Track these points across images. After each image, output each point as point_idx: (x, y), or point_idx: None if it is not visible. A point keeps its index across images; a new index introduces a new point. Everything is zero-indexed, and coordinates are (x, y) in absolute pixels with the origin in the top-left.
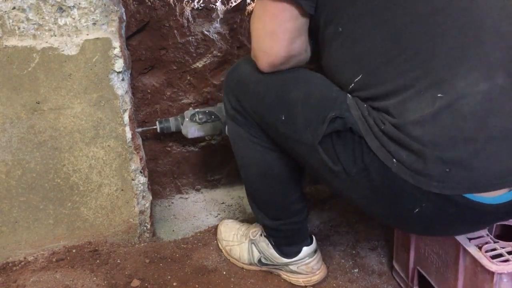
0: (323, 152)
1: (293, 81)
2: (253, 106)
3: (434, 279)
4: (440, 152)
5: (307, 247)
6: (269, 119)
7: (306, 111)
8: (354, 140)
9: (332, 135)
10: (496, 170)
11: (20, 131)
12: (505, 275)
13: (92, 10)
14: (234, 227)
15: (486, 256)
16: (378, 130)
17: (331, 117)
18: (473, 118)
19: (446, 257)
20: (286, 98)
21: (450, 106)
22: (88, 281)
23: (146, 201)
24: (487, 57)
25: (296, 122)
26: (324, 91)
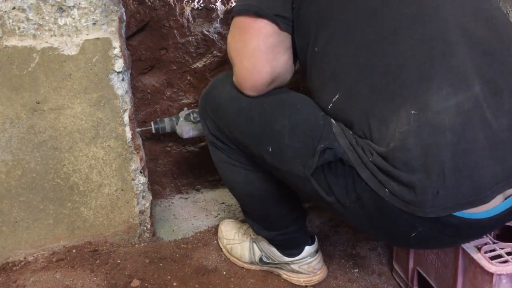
0: (316, 184)
1: (277, 108)
2: (236, 136)
3: (433, 279)
4: (427, 179)
5: (309, 247)
6: (255, 151)
7: (294, 142)
8: (345, 171)
9: (323, 166)
10: (483, 181)
11: (20, 131)
12: (504, 276)
13: (92, 10)
14: (235, 226)
15: (485, 257)
16: (368, 160)
17: (321, 149)
18: (452, 133)
19: (445, 258)
20: (272, 129)
21: (426, 123)
22: (88, 281)
23: (146, 201)
24: (460, 68)
25: (284, 154)
26: (310, 119)
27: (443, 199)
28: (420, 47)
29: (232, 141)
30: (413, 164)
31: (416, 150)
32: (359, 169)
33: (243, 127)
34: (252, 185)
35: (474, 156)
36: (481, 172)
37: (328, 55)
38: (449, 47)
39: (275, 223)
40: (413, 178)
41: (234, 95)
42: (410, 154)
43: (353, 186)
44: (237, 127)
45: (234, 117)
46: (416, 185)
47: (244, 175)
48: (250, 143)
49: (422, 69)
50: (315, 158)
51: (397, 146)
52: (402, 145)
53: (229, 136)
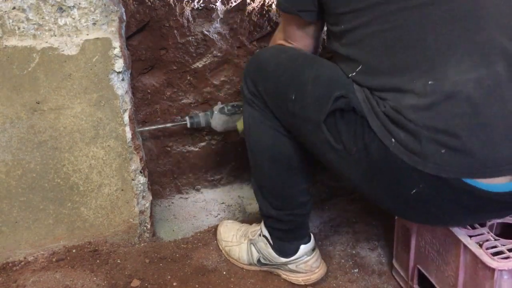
0: (326, 130)
1: (307, 64)
2: (268, 88)
3: (434, 277)
4: (435, 134)
5: (304, 245)
6: (281, 99)
7: (315, 90)
8: (357, 120)
9: (335, 114)
10: (491, 157)
11: (20, 131)
12: (505, 271)
13: (92, 10)
14: (233, 228)
15: (487, 253)
16: (380, 111)
17: (336, 96)
18: (468, 104)
19: (447, 254)
20: (299, 78)
21: (442, 92)
22: (88, 281)
23: (146, 201)
24: (486, 44)
25: (304, 100)
26: (334, 74)
27: (446, 161)
28: (448, 22)
29: (265, 98)
30: (424, 121)
31: (428, 112)
32: (370, 119)
33: (276, 78)
34: (277, 148)
35: (487, 131)
36: (492, 148)
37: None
38: (478, 24)
39: (286, 200)
40: (421, 130)
41: (274, 53)
42: (423, 114)
43: (362, 135)
44: (272, 79)
45: (272, 70)
46: (421, 135)
47: (273, 136)
48: (279, 91)
49: (443, 43)
50: (329, 104)
51: (410, 106)
52: (414, 107)
53: (263, 95)
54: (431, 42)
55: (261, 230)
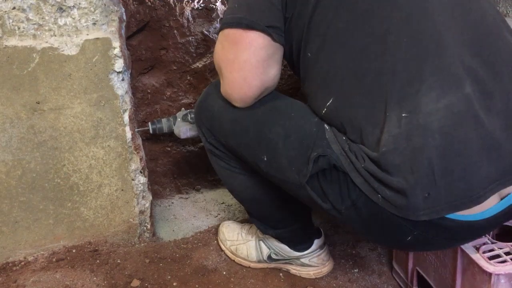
0: (311, 191)
1: (271, 116)
2: (231, 145)
3: (432, 279)
4: (418, 179)
5: (318, 239)
6: (250, 159)
7: (289, 150)
8: (339, 177)
9: (318, 174)
10: (475, 182)
11: (20, 131)
12: (502, 276)
13: (92, 10)
14: (236, 227)
15: (483, 257)
16: (360, 166)
17: (314, 156)
18: (442, 135)
19: (444, 258)
20: (266, 138)
21: (416, 125)
22: (88, 281)
23: (146, 201)
24: (450, 68)
25: (279, 163)
26: (304, 126)
27: (434, 201)
28: (410, 49)
29: (229, 149)
30: (404, 166)
31: (406, 153)
32: (352, 175)
33: (238, 137)
34: (252, 190)
35: (466, 157)
36: (474, 172)
37: (321, 61)
38: (439, 48)
39: (281, 222)
40: (403, 182)
41: (227, 105)
42: (401, 157)
43: (347, 193)
44: (232, 137)
45: (229, 127)
46: (406, 189)
47: (244, 181)
48: (245, 153)
49: (412, 71)
50: (309, 166)
51: (389, 150)
52: (393, 148)
53: (225, 145)
54: (401, 70)
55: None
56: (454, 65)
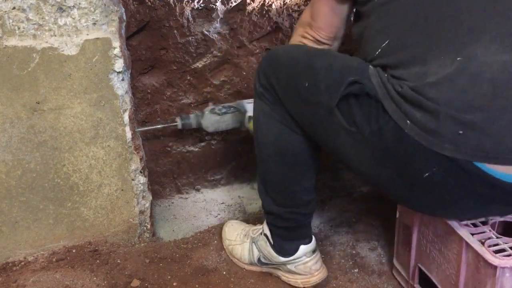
0: (339, 114)
1: (320, 53)
2: (281, 79)
3: (435, 275)
4: (455, 112)
5: (304, 246)
6: (293, 88)
7: (328, 77)
8: (371, 103)
9: (349, 97)
10: (509, 141)
11: (20, 131)
12: (508, 269)
13: (92, 10)
14: (239, 227)
15: (489, 250)
16: (395, 93)
17: (349, 81)
18: (490, 86)
19: (448, 252)
20: (312, 67)
21: (468, 70)
22: (88, 281)
23: (146, 201)
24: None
25: (317, 87)
26: (347, 61)
27: (463, 142)
28: (480, 4)
29: (278, 92)
30: (443, 98)
31: (450, 88)
32: (385, 102)
33: (289, 69)
34: (285, 143)
35: (506, 115)
36: (510, 132)
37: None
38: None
39: (289, 197)
40: (440, 107)
41: (288, 49)
42: (442, 91)
43: (376, 117)
44: (284, 70)
45: (285, 63)
46: (440, 112)
47: (281, 130)
48: (292, 82)
49: (477, 22)
50: (341, 88)
51: (432, 82)
52: (436, 82)
53: (275, 87)
54: (465, 19)
55: (263, 229)
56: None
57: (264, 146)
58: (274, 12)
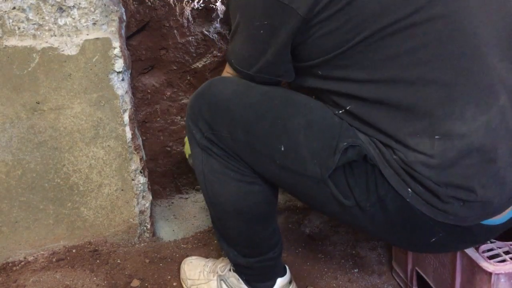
0: (333, 186)
1: (290, 105)
2: (237, 136)
3: (432, 279)
4: (453, 191)
5: (281, 278)
6: (263, 150)
7: (310, 140)
8: (367, 170)
9: (344, 166)
10: (505, 196)
11: (20, 131)
12: (502, 275)
13: (92, 10)
14: (199, 264)
15: (483, 256)
16: (391, 158)
17: (343, 147)
18: (478, 155)
19: (444, 258)
20: (285, 126)
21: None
22: (88, 281)
23: (146, 201)
24: (483, 83)
25: (298, 153)
26: (326, 117)
27: (466, 212)
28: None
29: (229, 145)
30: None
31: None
32: (381, 166)
33: (250, 124)
34: (243, 201)
35: (502, 171)
36: (505, 189)
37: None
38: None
39: (255, 248)
40: (439, 187)
41: (240, 90)
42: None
43: (375, 187)
44: (242, 125)
45: (240, 114)
46: (440, 192)
47: (237, 188)
48: (258, 142)
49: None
50: (335, 157)
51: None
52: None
53: (226, 139)
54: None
55: (231, 265)
56: (489, 77)
57: (218, 205)
58: None
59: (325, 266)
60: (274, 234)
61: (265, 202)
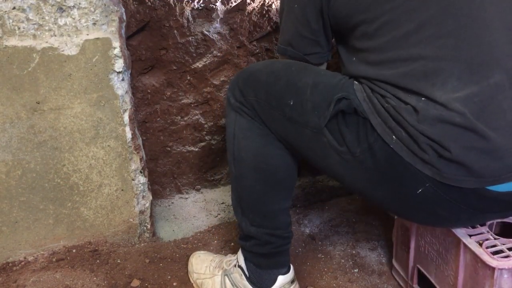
0: (329, 134)
1: (303, 70)
2: (261, 97)
3: (434, 276)
4: (431, 143)
5: (282, 276)
6: (277, 106)
7: (314, 96)
8: (359, 121)
9: (337, 116)
10: (488, 169)
11: (20, 131)
12: (505, 270)
13: (92, 10)
14: (207, 259)
15: (487, 252)
16: (381, 107)
17: (337, 97)
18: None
19: (446, 254)
20: (296, 85)
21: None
22: (88, 281)
23: (146, 201)
24: (474, 60)
25: (304, 106)
26: (332, 80)
27: (443, 168)
28: (441, 36)
29: (254, 106)
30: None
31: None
32: (371, 117)
33: (270, 86)
34: (265, 156)
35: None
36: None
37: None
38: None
39: (267, 217)
40: (419, 135)
41: (266, 64)
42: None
43: (365, 136)
44: (264, 87)
45: (265, 79)
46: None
47: (261, 143)
48: (274, 98)
49: (430, 66)
50: (330, 107)
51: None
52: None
53: (254, 104)
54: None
55: (237, 260)
56: (486, 55)
57: (241, 162)
58: (274, 12)
59: (325, 266)
60: (286, 214)
61: (284, 168)
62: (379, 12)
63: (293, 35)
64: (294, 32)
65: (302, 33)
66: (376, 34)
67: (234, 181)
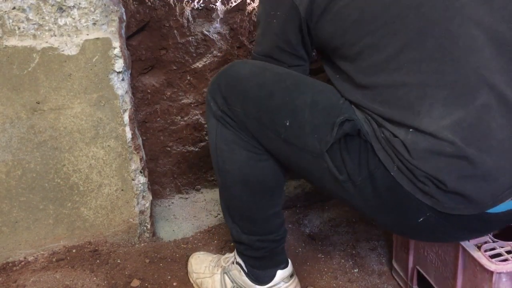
0: (330, 161)
1: (299, 86)
2: (250, 112)
3: (433, 278)
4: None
5: (281, 271)
6: (270, 125)
7: (314, 117)
8: (360, 145)
9: (340, 141)
10: (486, 193)
11: (20, 131)
12: (504, 274)
13: (92, 10)
14: (206, 259)
15: (485, 255)
16: (380, 135)
17: (340, 120)
18: (450, 150)
19: (445, 256)
20: (293, 103)
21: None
22: (88, 281)
23: (146, 201)
24: (457, 84)
25: (302, 129)
26: (332, 98)
27: (442, 199)
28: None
29: (241, 119)
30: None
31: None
32: (373, 141)
33: (261, 101)
34: (251, 170)
35: (475, 172)
36: (484, 185)
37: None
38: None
39: (257, 224)
40: (415, 169)
41: (256, 71)
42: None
43: (366, 162)
44: (254, 101)
45: (254, 92)
46: (417, 173)
47: (247, 157)
48: (267, 117)
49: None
50: (333, 132)
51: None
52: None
53: (241, 117)
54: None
55: (235, 257)
56: (473, 78)
57: (226, 173)
58: None
59: (325, 266)
60: (278, 216)
61: (271, 177)
62: (359, 36)
63: (272, 49)
64: (274, 46)
65: (283, 48)
66: (358, 58)
67: (221, 189)
